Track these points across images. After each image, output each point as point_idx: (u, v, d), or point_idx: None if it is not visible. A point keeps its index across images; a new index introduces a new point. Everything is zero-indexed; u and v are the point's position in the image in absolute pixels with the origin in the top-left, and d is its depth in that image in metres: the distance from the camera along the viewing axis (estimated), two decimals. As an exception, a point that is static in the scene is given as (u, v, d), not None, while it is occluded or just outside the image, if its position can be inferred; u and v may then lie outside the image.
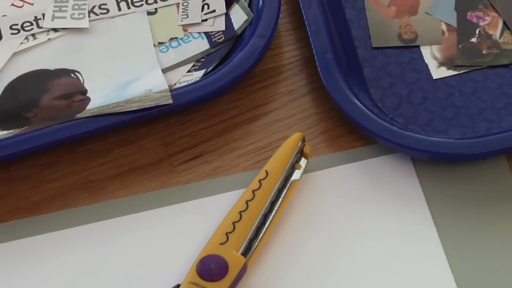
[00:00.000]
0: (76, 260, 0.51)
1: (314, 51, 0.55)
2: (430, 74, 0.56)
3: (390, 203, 0.53)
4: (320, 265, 0.51)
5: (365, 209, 0.53)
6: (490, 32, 0.57)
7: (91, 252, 0.52)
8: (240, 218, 0.50)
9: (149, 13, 0.57)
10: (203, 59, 0.56)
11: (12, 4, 0.58)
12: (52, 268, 0.51)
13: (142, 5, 0.57)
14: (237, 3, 0.57)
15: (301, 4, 0.56)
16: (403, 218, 0.52)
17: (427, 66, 0.56)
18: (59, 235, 0.52)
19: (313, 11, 0.56)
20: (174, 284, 0.49)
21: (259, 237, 0.50)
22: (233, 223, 0.50)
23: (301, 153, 0.53)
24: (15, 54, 0.56)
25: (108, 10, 0.57)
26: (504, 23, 0.57)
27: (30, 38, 0.57)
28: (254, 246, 0.50)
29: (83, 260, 0.51)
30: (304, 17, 0.56)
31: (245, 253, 0.50)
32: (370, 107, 0.53)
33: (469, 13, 0.57)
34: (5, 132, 0.53)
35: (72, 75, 0.55)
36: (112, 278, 0.51)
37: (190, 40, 0.56)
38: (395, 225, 0.52)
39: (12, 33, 0.57)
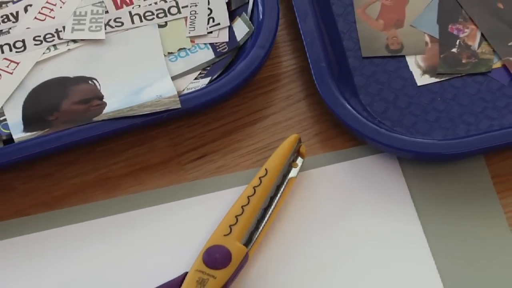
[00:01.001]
0: (93, 250, 0.52)
1: (309, 61, 0.55)
2: (415, 81, 0.56)
3: (378, 198, 0.53)
4: (313, 255, 0.51)
5: (355, 204, 0.53)
6: (469, 43, 0.57)
7: (107, 243, 0.52)
8: (242, 212, 0.50)
9: (160, 26, 0.57)
10: (208, 68, 0.56)
11: (35, 18, 0.58)
12: (71, 257, 0.52)
13: (153, 18, 0.58)
14: (239, 16, 0.57)
15: (297, 18, 0.56)
16: (390, 212, 0.53)
17: (412, 74, 0.56)
18: (77, 227, 0.52)
19: (309, 24, 0.56)
20: (183, 272, 0.49)
21: (260, 229, 0.51)
22: (236, 216, 0.50)
23: (297, 153, 0.53)
24: (38, 63, 0.56)
25: (122, 23, 0.57)
26: (482, 35, 0.57)
27: (52, 48, 0.57)
28: (255, 238, 0.51)
29: (99, 250, 0.52)
30: (300, 29, 0.56)
31: (246, 244, 0.50)
32: (360, 111, 0.54)
33: (450, 26, 0.58)
34: (29, 134, 0.53)
35: (89, 82, 0.55)
36: (125, 266, 0.51)
37: (197, 51, 0.57)
38: (383, 219, 0.52)
39: (35, 44, 0.57)
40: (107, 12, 0.58)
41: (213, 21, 0.57)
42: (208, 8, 0.58)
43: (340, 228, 0.52)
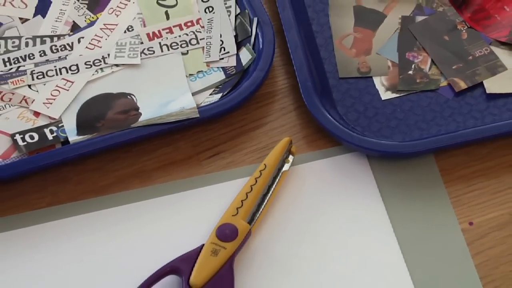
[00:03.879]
0: (131, 226, 0.52)
1: (298, 80, 0.55)
2: (380, 96, 0.56)
3: (351, 186, 0.53)
4: (301, 230, 0.52)
5: (333, 191, 0.53)
6: (422, 66, 0.57)
7: (143, 219, 0.52)
8: (247, 197, 0.51)
9: (183, 54, 0.57)
10: (220, 86, 0.56)
11: (86, 47, 0.57)
12: (116, 231, 0.52)
13: (178, 48, 0.57)
14: (244, 46, 0.57)
15: (289, 48, 0.56)
16: (360, 197, 0.53)
17: (377, 90, 0.56)
18: (119, 209, 0.52)
19: (298, 52, 0.56)
20: (200, 244, 0.49)
21: (260, 211, 0.51)
22: (242, 201, 0.51)
23: (289, 152, 0.54)
24: (88, 82, 0.56)
25: (154, 51, 0.57)
26: (432, 60, 0.57)
27: (99, 71, 0.56)
28: (256, 217, 0.51)
29: (136, 226, 0.52)
30: (291, 56, 0.56)
31: (250, 222, 0.50)
32: (338, 120, 0.54)
33: (407, 53, 0.58)
34: (81, 137, 0.53)
35: (128, 97, 0.55)
36: (156, 239, 0.51)
37: (211, 73, 0.57)
38: (355, 202, 0.53)
39: (86, 67, 0.56)
40: (142, 43, 0.58)
41: (224, 50, 0.57)
42: (220, 40, 0.58)
43: (322, 209, 0.52)
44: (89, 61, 0.57)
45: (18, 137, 0.53)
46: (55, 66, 0.57)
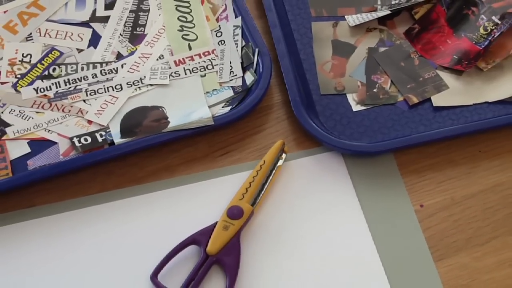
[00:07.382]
0: (162, 208, 0.51)
1: (289, 96, 0.55)
2: (352, 109, 0.56)
3: (330, 177, 0.53)
4: (291, 210, 0.52)
5: (316, 181, 0.53)
6: (384, 86, 0.57)
7: (170, 202, 0.52)
8: (250, 186, 0.51)
9: (201, 76, 0.57)
10: (230, 101, 0.56)
11: (128, 71, 0.57)
12: (148, 212, 0.51)
13: (197, 72, 0.57)
14: (248, 71, 0.57)
15: (282, 72, 0.56)
16: (337, 185, 0.53)
17: (350, 104, 0.56)
18: (152, 195, 0.52)
19: (289, 75, 0.56)
20: (214, 221, 0.49)
21: (260, 196, 0.51)
22: (246, 188, 0.51)
23: (282, 151, 0.54)
24: (129, 97, 0.56)
25: (179, 74, 0.57)
26: (391, 81, 0.57)
27: (138, 89, 0.56)
28: (258, 201, 0.51)
29: (165, 208, 0.51)
30: (284, 78, 0.56)
31: (252, 205, 0.50)
32: (320, 126, 0.54)
33: (372, 76, 0.58)
34: (123, 139, 0.53)
35: (160, 109, 0.55)
36: (180, 216, 0.51)
37: (223, 91, 0.56)
38: (332, 189, 0.53)
39: (127, 86, 0.56)
40: (170, 68, 0.57)
41: (233, 73, 0.57)
42: (230, 66, 0.57)
43: (307, 195, 0.52)
44: (130, 82, 0.57)
45: (75, 139, 0.54)
46: (103, 85, 0.57)
